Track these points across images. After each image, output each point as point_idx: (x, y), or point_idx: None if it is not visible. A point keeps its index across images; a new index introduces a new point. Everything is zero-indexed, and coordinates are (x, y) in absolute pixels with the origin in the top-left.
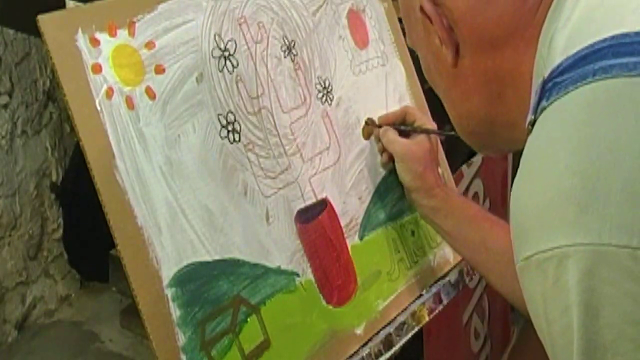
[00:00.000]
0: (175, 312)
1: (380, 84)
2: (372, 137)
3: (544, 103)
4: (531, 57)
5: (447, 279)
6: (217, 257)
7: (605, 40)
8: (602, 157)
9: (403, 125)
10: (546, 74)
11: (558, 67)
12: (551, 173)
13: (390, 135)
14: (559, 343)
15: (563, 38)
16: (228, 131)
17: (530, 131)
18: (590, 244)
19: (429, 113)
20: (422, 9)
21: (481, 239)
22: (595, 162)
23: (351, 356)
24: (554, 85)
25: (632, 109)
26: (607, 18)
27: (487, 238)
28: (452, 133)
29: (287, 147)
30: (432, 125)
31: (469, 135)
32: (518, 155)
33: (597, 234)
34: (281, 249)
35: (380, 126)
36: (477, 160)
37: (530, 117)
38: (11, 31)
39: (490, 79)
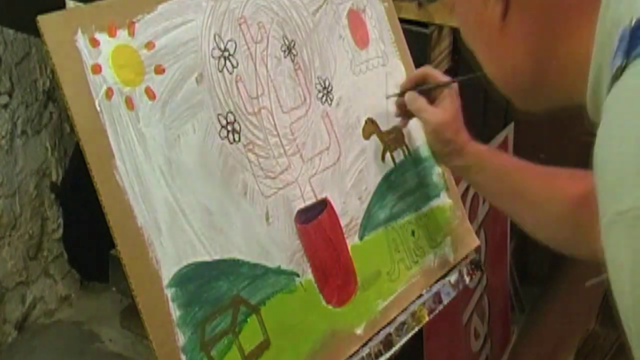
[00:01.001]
0: (175, 312)
1: (380, 83)
2: (373, 136)
3: (638, 51)
4: (590, 13)
5: (447, 279)
6: (217, 257)
7: None
8: None
9: (424, 85)
10: (636, 17)
11: None
12: None
13: (421, 104)
14: None
15: None
16: (228, 131)
17: (618, 76)
18: None
19: None
20: None
21: (518, 188)
22: None
23: (351, 356)
24: None
25: None
26: None
27: (524, 187)
28: (478, 74)
29: (287, 147)
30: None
31: (512, 91)
32: (518, 156)
33: None
34: (281, 249)
35: (403, 94)
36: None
37: (618, 62)
38: (11, 31)
39: (542, 35)
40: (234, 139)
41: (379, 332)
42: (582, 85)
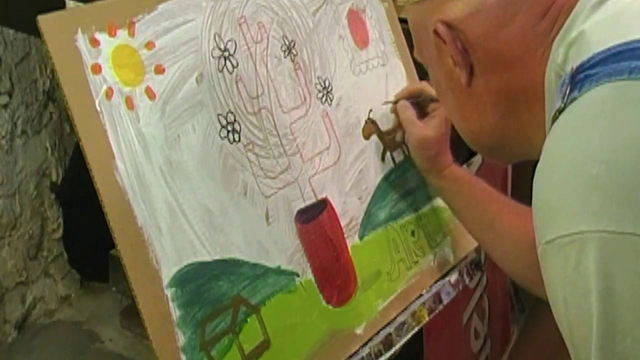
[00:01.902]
0: (175, 312)
1: (380, 84)
2: (373, 136)
3: (575, 94)
4: (543, 71)
5: (447, 279)
6: (217, 257)
7: None
8: (628, 150)
9: (419, 99)
10: (575, 66)
11: (589, 60)
12: (577, 159)
13: (409, 115)
14: (578, 327)
15: (593, 36)
16: (228, 131)
17: (556, 118)
18: (613, 232)
19: None
20: (435, 31)
21: (488, 219)
22: (621, 153)
23: (351, 356)
24: (585, 77)
25: None
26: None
27: (494, 219)
28: None
29: (287, 147)
30: None
31: (481, 148)
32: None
33: (621, 222)
34: (281, 249)
35: (396, 102)
36: (477, 160)
37: (558, 104)
38: (11, 31)
39: (504, 96)
40: (234, 139)
41: (379, 332)
42: (541, 139)
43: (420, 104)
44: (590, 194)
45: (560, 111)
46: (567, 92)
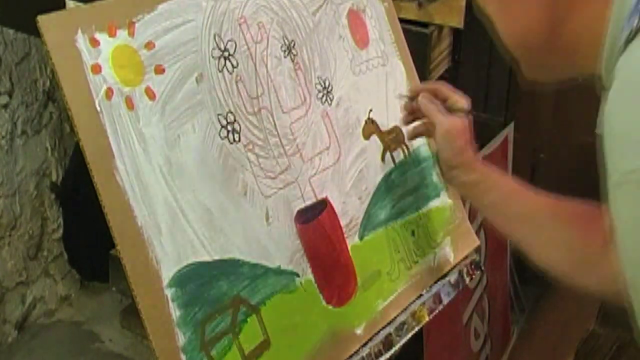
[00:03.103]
0: (175, 312)
1: (380, 83)
2: (373, 136)
3: None
4: None
5: (447, 279)
6: (217, 257)
7: None
8: None
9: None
10: None
11: None
12: None
13: (434, 107)
14: None
15: None
16: (228, 131)
17: (631, 38)
18: None
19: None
20: None
21: (521, 213)
22: None
23: (351, 356)
24: None
25: None
26: None
27: (527, 212)
28: (483, 115)
29: (287, 147)
30: (465, 101)
31: (523, 51)
32: (518, 156)
33: None
34: (281, 249)
35: (413, 98)
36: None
37: (634, 23)
38: (11, 31)
39: None
40: (234, 139)
41: (379, 332)
42: (595, 52)
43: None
44: None
45: (636, 31)
46: None
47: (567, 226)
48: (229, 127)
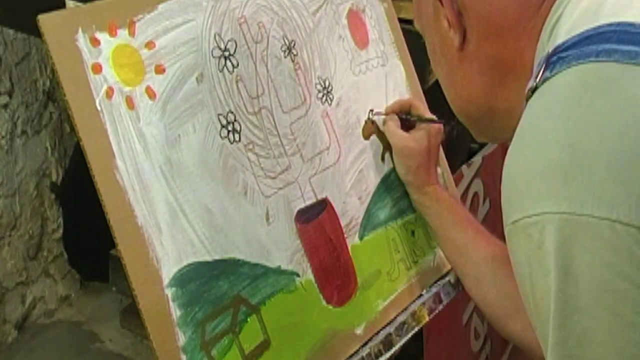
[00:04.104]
0: (175, 312)
1: (380, 84)
2: (373, 136)
3: (547, 74)
4: (533, 48)
5: (447, 279)
6: (217, 257)
7: (611, 25)
8: (591, 134)
9: (408, 115)
10: (550, 49)
11: (563, 43)
12: (542, 143)
13: (391, 127)
14: (540, 305)
15: (569, 22)
16: (228, 131)
17: (529, 97)
18: (573, 213)
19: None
20: None
21: (463, 243)
22: (584, 138)
23: (351, 356)
24: (558, 59)
25: (624, 95)
26: (615, 7)
27: (469, 243)
28: (452, 124)
29: (287, 147)
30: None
31: (467, 119)
32: None
33: (580, 204)
34: (281, 249)
35: (386, 114)
36: (477, 160)
37: (532, 83)
38: (11, 31)
39: (493, 66)
40: (234, 139)
41: (379, 332)
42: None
43: (408, 120)
44: (553, 177)
45: (532, 90)
46: (541, 72)
47: (503, 270)
48: (229, 127)
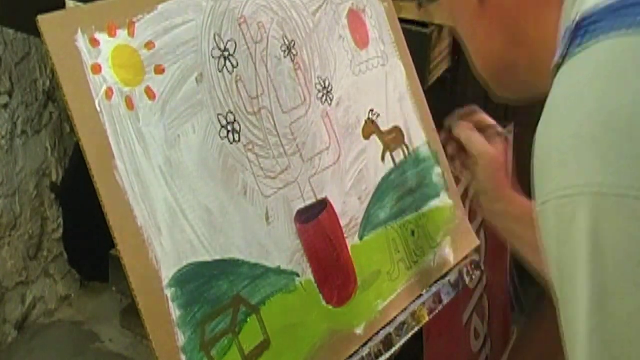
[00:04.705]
0: (175, 312)
1: (380, 84)
2: (373, 136)
3: (574, 48)
4: (557, 4)
5: (447, 279)
6: (217, 257)
7: None
8: (625, 109)
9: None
10: (577, 18)
11: (591, 14)
12: (574, 118)
13: (474, 135)
14: (568, 286)
15: None
16: (228, 131)
17: (556, 73)
18: (606, 193)
19: (429, 113)
20: None
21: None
22: (617, 113)
23: (351, 356)
24: (585, 32)
25: None
26: None
27: None
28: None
29: (287, 147)
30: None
31: (490, 75)
32: (518, 156)
33: (614, 183)
34: (281, 249)
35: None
36: None
37: (557, 59)
38: (11, 31)
39: (514, 20)
40: (234, 139)
41: (379, 332)
42: (548, 74)
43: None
44: (585, 153)
45: (558, 66)
46: (567, 46)
47: None
48: (229, 127)
